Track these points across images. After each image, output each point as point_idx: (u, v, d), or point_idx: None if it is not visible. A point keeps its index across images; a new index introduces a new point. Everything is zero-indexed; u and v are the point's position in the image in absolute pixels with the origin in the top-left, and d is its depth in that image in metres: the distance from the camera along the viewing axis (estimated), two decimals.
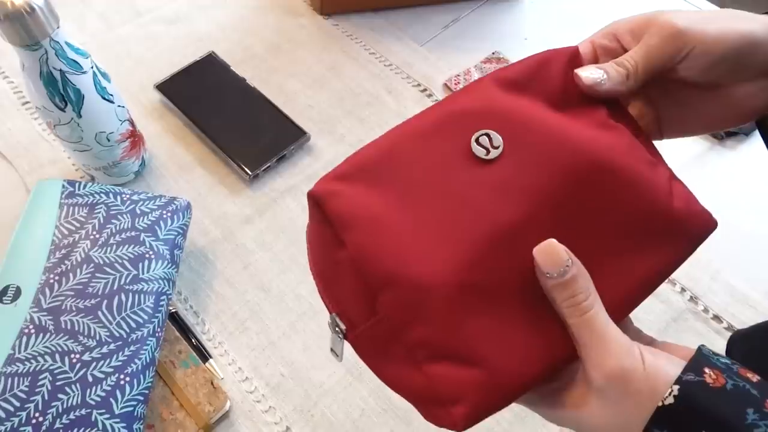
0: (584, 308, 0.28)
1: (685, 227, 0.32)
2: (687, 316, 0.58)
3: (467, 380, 0.28)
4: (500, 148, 0.31)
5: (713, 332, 0.57)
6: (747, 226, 0.63)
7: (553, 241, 0.29)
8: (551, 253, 0.28)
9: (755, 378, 0.27)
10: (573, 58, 0.34)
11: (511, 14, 0.83)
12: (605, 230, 0.31)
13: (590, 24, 0.37)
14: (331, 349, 0.35)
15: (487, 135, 0.31)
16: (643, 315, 0.57)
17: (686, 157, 0.69)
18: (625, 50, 0.34)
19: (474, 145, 0.31)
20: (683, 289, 0.60)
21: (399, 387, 0.31)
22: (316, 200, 0.31)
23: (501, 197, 0.30)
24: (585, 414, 0.29)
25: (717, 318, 0.58)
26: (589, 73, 0.33)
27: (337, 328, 0.32)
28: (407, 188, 0.30)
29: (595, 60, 0.36)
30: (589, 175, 0.31)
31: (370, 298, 0.30)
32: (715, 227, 0.33)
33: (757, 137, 0.70)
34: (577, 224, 0.30)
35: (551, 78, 0.34)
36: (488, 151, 0.31)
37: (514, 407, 0.52)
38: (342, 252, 0.30)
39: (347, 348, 0.33)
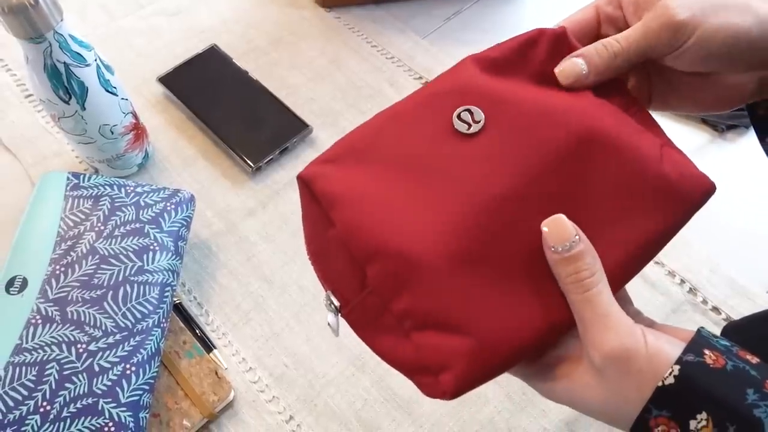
0: (587, 285, 0.28)
1: (678, 190, 0.31)
2: (686, 307, 0.59)
3: (455, 348, 0.29)
4: (482, 123, 0.31)
5: (712, 323, 0.58)
6: (746, 219, 0.64)
7: (561, 215, 0.29)
8: (558, 227, 0.29)
9: (754, 360, 0.28)
10: (560, 37, 0.34)
11: (513, 6, 0.83)
12: (595, 199, 0.31)
13: None
14: (329, 324, 0.36)
15: (469, 111, 0.32)
16: (642, 306, 0.57)
17: (686, 149, 0.68)
18: (626, 23, 0.34)
19: (456, 120, 0.32)
20: (683, 281, 0.60)
21: (392, 358, 0.32)
22: (305, 182, 0.32)
23: (485, 169, 0.31)
24: (582, 391, 0.29)
25: (716, 309, 0.59)
26: (569, 66, 0.33)
27: (331, 305, 0.33)
28: (392, 166, 0.31)
29: (598, 28, 0.36)
30: (574, 144, 0.31)
31: (360, 273, 0.31)
32: (714, 190, 0.32)
33: None
34: (565, 194, 0.31)
35: (536, 57, 0.34)
36: (470, 126, 0.31)
37: (515, 397, 0.53)
38: (331, 230, 0.31)
39: (350, 339, 0.34)
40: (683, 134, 0.71)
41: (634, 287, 0.59)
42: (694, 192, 0.32)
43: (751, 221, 0.64)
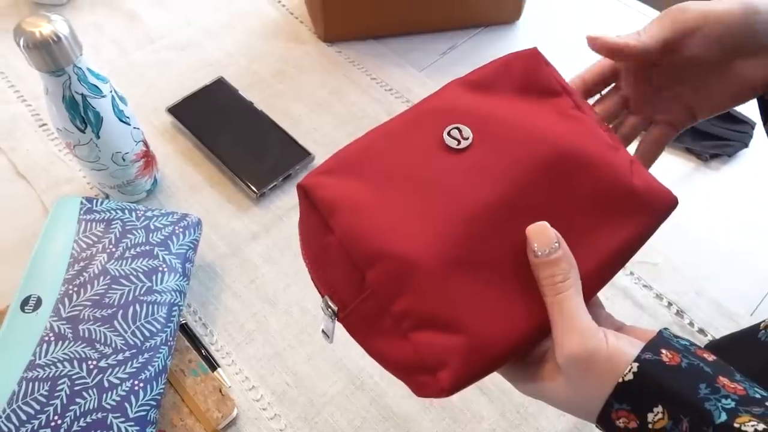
0: (559, 288, 0.31)
1: (647, 202, 0.34)
2: (673, 329, 0.61)
3: (451, 346, 0.30)
4: (470, 139, 0.34)
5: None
6: (730, 244, 0.66)
7: (545, 222, 0.32)
8: (542, 233, 0.31)
9: (711, 357, 0.30)
10: (533, 57, 0.38)
11: (505, 42, 0.87)
12: (572, 209, 0.33)
13: (581, 47, 0.40)
14: (322, 331, 0.37)
15: (457, 128, 0.34)
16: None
17: (672, 177, 0.72)
18: None
19: (446, 136, 0.34)
20: (670, 303, 0.62)
21: (389, 360, 0.33)
22: (305, 190, 0.34)
23: (475, 180, 0.33)
24: (551, 388, 0.32)
25: (702, 331, 0.61)
26: (598, 34, 0.38)
27: (329, 310, 0.34)
28: (387, 177, 0.33)
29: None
30: (554, 159, 0.34)
31: (359, 277, 0.32)
32: (677, 204, 0.36)
33: (739, 159, 0.73)
34: (546, 204, 0.33)
35: (514, 77, 0.37)
36: (459, 142, 0.34)
37: (510, 415, 0.55)
38: (330, 236, 0.33)
39: (350, 359, 0.35)
40: (670, 163, 0.74)
41: (623, 309, 0.62)
42: (660, 204, 0.35)
43: (735, 246, 0.66)
